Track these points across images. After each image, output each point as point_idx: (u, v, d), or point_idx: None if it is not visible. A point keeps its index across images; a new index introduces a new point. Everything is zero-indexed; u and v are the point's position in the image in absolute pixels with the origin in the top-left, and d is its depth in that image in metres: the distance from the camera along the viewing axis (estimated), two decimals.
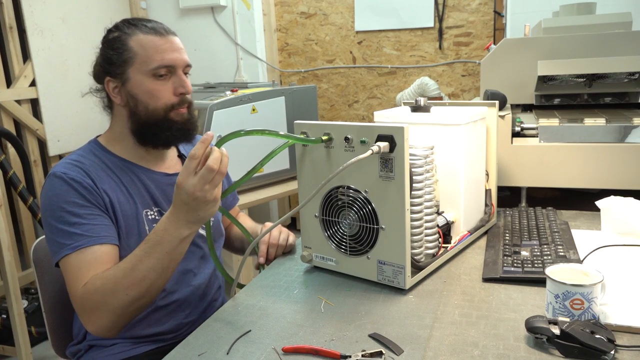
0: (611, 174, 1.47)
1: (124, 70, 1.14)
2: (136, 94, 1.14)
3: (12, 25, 2.55)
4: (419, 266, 1.07)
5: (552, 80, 1.73)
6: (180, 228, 0.99)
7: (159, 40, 1.15)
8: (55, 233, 1.07)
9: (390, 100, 3.23)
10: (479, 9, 2.94)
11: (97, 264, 1.05)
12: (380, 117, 1.25)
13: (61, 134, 2.76)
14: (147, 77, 1.14)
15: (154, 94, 1.14)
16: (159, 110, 1.15)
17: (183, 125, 1.18)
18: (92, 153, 1.19)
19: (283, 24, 3.39)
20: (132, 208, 1.15)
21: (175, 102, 1.17)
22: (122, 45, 1.14)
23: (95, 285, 1.02)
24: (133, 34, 1.15)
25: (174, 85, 1.16)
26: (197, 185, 0.94)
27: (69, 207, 1.07)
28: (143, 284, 1.01)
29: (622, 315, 0.88)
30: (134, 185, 1.18)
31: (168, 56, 1.14)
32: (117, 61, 1.14)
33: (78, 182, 1.09)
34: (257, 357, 0.85)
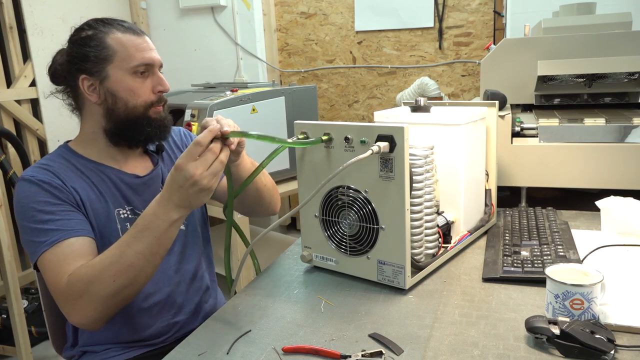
0: (611, 174, 1.47)
1: (102, 68, 1.13)
2: (116, 91, 1.13)
3: (12, 25, 2.55)
4: (419, 266, 1.07)
5: (552, 80, 1.73)
6: (170, 211, 0.98)
7: (136, 39, 1.15)
8: (30, 233, 1.06)
9: (390, 100, 3.23)
10: (479, 9, 2.94)
11: (76, 256, 1.03)
12: (380, 117, 1.25)
13: (61, 134, 2.76)
14: (127, 75, 1.13)
15: (134, 91, 1.14)
16: (139, 107, 1.15)
17: (161, 122, 1.19)
18: (61, 157, 1.18)
19: (283, 24, 3.39)
20: (104, 207, 1.14)
21: (154, 99, 1.17)
22: (100, 43, 1.13)
23: (80, 273, 1.00)
24: (110, 32, 1.15)
25: (152, 83, 1.17)
26: (198, 168, 0.94)
27: (39, 206, 1.07)
28: (131, 270, 0.99)
29: (622, 315, 0.88)
30: (104, 185, 1.17)
31: (147, 54, 1.15)
32: (95, 58, 1.12)
33: (47, 183, 1.09)
34: (257, 357, 0.85)
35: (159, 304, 1.19)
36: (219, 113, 2.10)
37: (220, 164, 0.96)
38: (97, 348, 1.18)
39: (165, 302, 1.20)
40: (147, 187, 1.23)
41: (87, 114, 1.19)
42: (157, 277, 1.18)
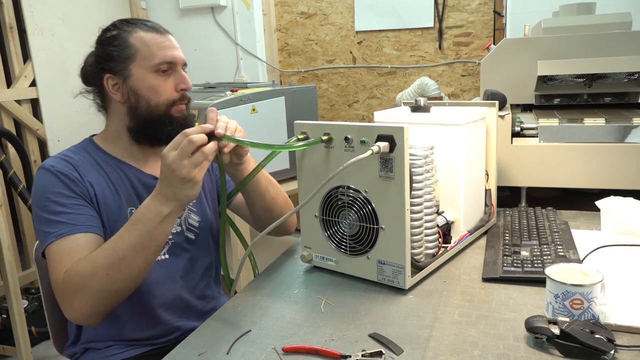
0: (611, 174, 1.47)
1: (125, 67, 1.15)
2: (138, 89, 1.15)
3: (12, 25, 2.55)
4: (419, 266, 1.07)
5: (552, 80, 1.73)
6: (160, 205, 0.99)
7: (159, 38, 1.16)
8: (41, 222, 1.09)
9: (390, 100, 3.23)
10: (479, 9, 2.94)
11: (79, 250, 1.05)
12: (380, 117, 1.25)
13: (61, 134, 2.76)
14: (149, 73, 1.15)
15: (156, 89, 1.15)
16: (161, 105, 1.16)
17: (183, 120, 1.19)
18: (84, 150, 1.20)
19: (283, 24, 3.39)
20: (117, 204, 1.16)
21: (177, 97, 1.18)
22: (123, 42, 1.15)
23: (76, 268, 1.01)
24: (133, 31, 1.16)
25: (175, 81, 1.18)
26: (175, 158, 0.95)
27: (54, 197, 1.09)
28: (123, 263, 0.99)
29: (622, 315, 0.88)
30: (121, 182, 1.18)
31: (169, 53, 1.16)
32: (118, 57, 1.15)
33: (64, 175, 1.11)
34: (257, 357, 0.85)
35: (164, 305, 1.20)
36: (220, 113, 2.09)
37: (201, 155, 0.95)
38: (100, 345, 1.18)
39: (170, 304, 1.21)
40: None
41: (112, 112, 1.21)
42: (163, 279, 1.19)
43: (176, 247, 1.23)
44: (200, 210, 1.29)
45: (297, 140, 1.09)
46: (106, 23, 1.23)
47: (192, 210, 1.28)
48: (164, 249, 1.21)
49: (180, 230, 1.25)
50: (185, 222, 1.26)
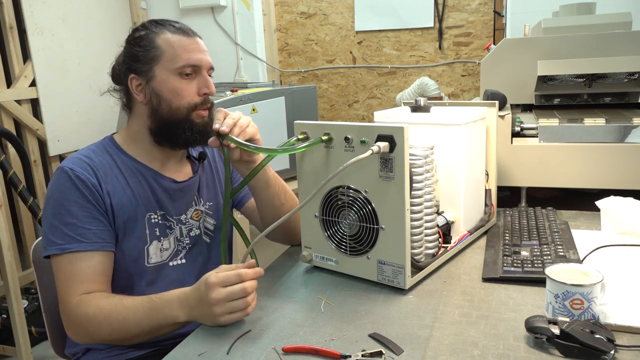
0: (611, 174, 1.47)
1: (150, 68, 1.14)
2: (160, 91, 1.14)
3: (12, 25, 2.55)
4: (419, 266, 1.07)
5: (552, 80, 1.73)
6: (181, 310, 0.99)
7: (186, 40, 1.15)
8: (48, 227, 1.09)
9: (390, 100, 3.23)
10: (479, 9, 2.94)
11: (90, 274, 1.06)
12: (380, 117, 1.25)
13: (61, 134, 2.76)
14: (172, 75, 1.13)
15: (178, 92, 1.14)
16: (182, 109, 1.14)
17: (203, 127, 1.17)
18: (105, 150, 1.19)
19: (283, 24, 3.39)
20: (134, 211, 1.15)
21: (198, 102, 1.16)
22: (150, 43, 1.14)
23: (87, 309, 1.03)
24: (161, 32, 1.15)
25: (198, 85, 1.16)
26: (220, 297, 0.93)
27: (68, 204, 1.08)
28: (127, 334, 1.03)
29: (622, 315, 0.88)
30: (140, 188, 1.17)
31: (195, 56, 1.15)
32: (144, 58, 1.14)
33: (82, 181, 1.10)
34: (257, 357, 0.85)
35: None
36: None
37: (244, 303, 0.94)
38: (101, 346, 1.18)
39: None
40: (183, 194, 1.23)
41: (135, 113, 1.20)
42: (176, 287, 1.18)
43: (193, 251, 1.24)
44: (216, 213, 1.30)
45: (297, 140, 1.09)
46: (106, 23, 1.22)
47: (208, 213, 1.29)
48: (181, 254, 1.22)
49: (198, 234, 1.26)
50: (202, 225, 1.27)
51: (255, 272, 0.97)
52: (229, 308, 0.94)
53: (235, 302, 0.93)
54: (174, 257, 1.21)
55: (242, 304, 0.94)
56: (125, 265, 1.15)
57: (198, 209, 1.26)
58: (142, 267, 1.17)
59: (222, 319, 0.94)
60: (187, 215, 1.24)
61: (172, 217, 1.21)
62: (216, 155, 1.35)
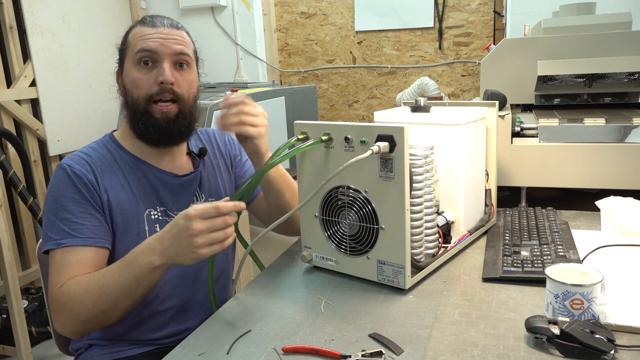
0: (611, 174, 1.47)
1: (122, 62, 1.17)
2: (125, 83, 1.15)
3: (12, 25, 2.55)
4: (419, 266, 1.07)
5: (552, 80, 1.73)
6: (154, 254, 0.98)
7: (147, 30, 1.14)
8: (47, 223, 1.09)
9: (390, 100, 3.23)
10: (479, 9, 2.94)
11: (78, 266, 1.05)
12: (380, 117, 1.25)
13: (61, 134, 2.76)
14: (133, 66, 1.13)
15: (135, 82, 1.13)
16: (140, 100, 1.13)
17: (161, 123, 1.13)
18: (104, 147, 1.19)
19: (283, 24, 3.39)
20: (133, 207, 1.15)
21: (155, 91, 1.12)
22: (125, 38, 1.17)
23: (69, 289, 1.03)
24: (134, 27, 1.17)
25: (157, 75, 1.12)
26: (202, 225, 0.92)
27: (64, 200, 1.09)
28: (110, 299, 1.01)
29: (622, 315, 0.88)
30: (139, 184, 1.17)
31: (148, 43, 1.12)
32: (120, 53, 1.18)
33: (79, 177, 1.10)
34: (257, 357, 0.85)
35: (174, 308, 1.19)
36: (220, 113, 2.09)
37: (223, 235, 0.93)
38: (104, 342, 1.18)
39: (180, 307, 1.20)
40: (184, 189, 1.23)
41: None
42: (175, 282, 1.19)
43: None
44: None
45: (297, 140, 1.09)
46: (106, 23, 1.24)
47: None
48: None
49: None
50: None
51: (234, 205, 0.95)
52: (209, 239, 0.93)
53: (215, 233, 0.93)
54: None
55: (222, 235, 0.93)
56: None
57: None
58: None
59: (202, 250, 0.93)
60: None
61: (174, 212, 1.20)
62: (216, 151, 1.34)
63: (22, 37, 2.60)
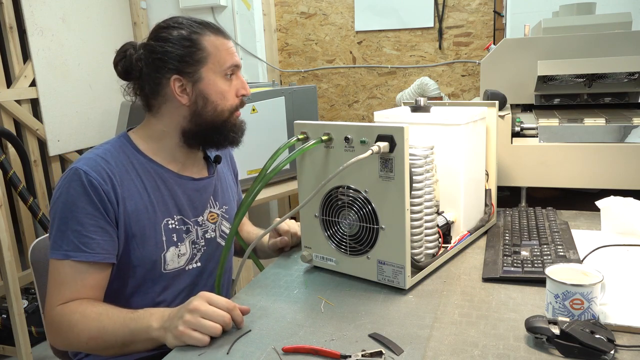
0: (611, 174, 1.47)
1: (196, 69, 1.12)
2: (208, 93, 1.13)
3: (12, 25, 2.55)
4: (419, 266, 1.07)
5: (552, 80, 1.73)
6: (159, 320, 0.95)
7: (227, 42, 1.17)
8: (57, 230, 1.06)
9: (390, 100, 3.23)
10: (479, 9, 2.94)
11: (82, 286, 1.05)
12: (380, 117, 1.25)
13: (61, 134, 2.76)
14: (219, 78, 1.14)
15: (224, 94, 1.15)
16: (225, 111, 1.16)
17: (241, 126, 1.20)
18: (121, 150, 1.15)
19: (283, 24, 3.39)
20: (151, 217, 1.13)
21: (238, 103, 1.18)
22: (195, 44, 1.12)
23: (71, 317, 1.02)
24: (204, 33, 1.14)
25: (235, 87, 1.18)
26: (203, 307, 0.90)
27: (76, 211, 1.05)
28: (103, 344, 1.00)
29: (622, 315, 0.88)
30: (158, 192, 1.15)
31: (236, 57, 1.17)
32: (190, 59, 1.11)
33: (95, 187, 1.06)
34: (257, 357, 0.85)
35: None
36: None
37: (211, 329, 0.89)
38: None
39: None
40: (200, 194, 1.23)
41: (165, 113, 1.16)
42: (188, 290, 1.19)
43: (207, 254, 1.24)
44: (231, 217, 1.30)
45: (297, 140, 1.09)
46: (106, 23, 1.21)
47: (225, 217, 1.29)
48: (197, 257, 1.21)
49: (213, 237, 1.25)
50: (219, 228, 1.26)
51: (240, 315, 0.94)
52: (197, 323, 0.89)
53: (205, 321, 0.89)
54: (190, 261, 1.21)
55: (208, 327, 0.89)
56: (141, 273, 1.14)
57: (214, 211, 1.26)
58: (158, 273, 1.15)
59: (181, 328, 0.89)
60: (203, 216, 1.23)
61: (190, 218, 1.20)
62: (226, 162, 1.37)
63: (22, 37, 2.60)
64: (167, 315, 0.95)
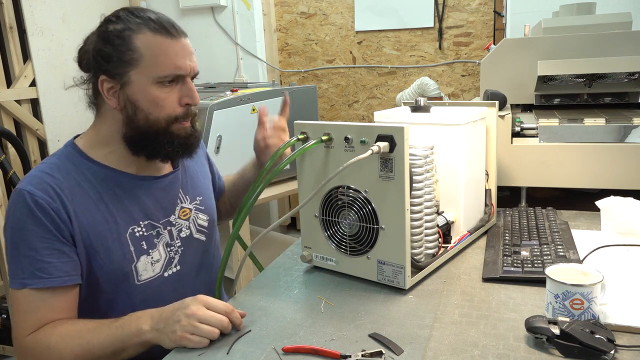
0: (611, 174, 1.47)
1: (124, 72, 1.00)
2: (137, 100, 1.01)
3: (12, 25, 2.55)
4: (419, 266, 1.07)
5: (552, 80, 1.73)
6: (148, 322, 0.91)
7: (169, 43, 1.01)
8: (9, 257, 0.99)
9: (390, 100, 3.23)
10: (479, 9, 2.94)
11: (48, 311, 0.97)
12: (380, 117, 1.25)
13: (61, 134, 2.76)
14: (152, 84, 1.01)
15: (157, 102, 1.01)
16: (161, 121, 1.03)
17: (185, 140, 1.07)
18: (69, 161, 1.04)
19: (283, 24, 3.39)
20: (113, 229, 1.04)
21: (180, 114, 1.04)
22: (126, 43, 1.00)
23: (47, 341, 0.95)
24: (139, 30, 1.00)
25: (180, 94, 1.03)
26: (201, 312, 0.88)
27: (26, 235, 0.97)
28: (91, 358, 0.94)
29: (622, 315, 0.88)
30: (116, 200, 1.05)
31: (179, 63, 1.01)
32: (118, 60, 1.00)
33: (42, 207, 0.96)
34: (257, 357, 0.85)
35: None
36: (219, 113, 2.10)
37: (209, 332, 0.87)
38: None
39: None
40: (166, 192, 1.14)
41: (106, 116, 1.07)
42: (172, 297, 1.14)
43: (187, 254, 1.16)
44: (208, 207, 1.22)
45: (297, 140, 1.09)
46: None
47: (200, 208, 1.20)
48: (175, 260, 1.13)
49: (189, 234, 1.17)
50: (194, 223, 1.18)
51: (241, 319, 0.92)
52: (195, 328, 0.87)
53: (204, 326, 0.87)
54: (167, 266, 1.12)
55: (206, 331, 0.87)
56: (112, 288, 1.05)
57: (185, 206, 1.17)
58: (132, 286, 1.07)
59: (180, 333, 0.87)
60: (175, 215, 1.15)
61: (159, 221, 1.11)
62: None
63: (22, 37, 2.60)
64: (157, 316, 0.92)
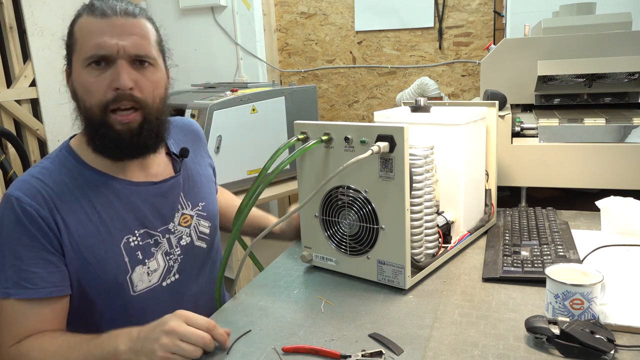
0: (611, 174, 1.47)
1: (70, 60, 0.99)
2: (75, 87, 0.98)
3: (12, 25, 2.55)
4: (419, 266, 1.07)
5: (552, 80, 1.73)
6: (125, 342, 0.85)
7: (98, 23, 0.94)
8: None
9: (390, 100, 3.23)
10: (479, 9, 2.94)
11: (34, 322, 0.93)
12: (380, 117, 1.25)
13: (61, 134, 2.76)
14: (82, 68, 0.95)
15: (87, 87, 0.95)
16: (94, 108, 0.96)
17: (122, 137, 0.97)
18: (62, 165, 1.01)
19: (283, 24, 3.39)
20: (106, 239, 0.99)
21: (110, 98, 0.95)
22: (70, 31, 0.98)
23: (29, 355, 0.91)
24: (80, 16, 0.98)
25: (111, 78, 0.94)
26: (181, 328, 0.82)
27: (12, 244, 0.93)
28: None
29: (622, 315, 0.88)
30: (110, 209, 1.00)
31: (100, 41, 0.93)
32: (67, 49, 0.99)
33: (29, 215, 0.93)
34: (257, 357, 0.85)
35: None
36: (219, 113, 2.10)
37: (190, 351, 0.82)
38: None
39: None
40: (165, 198, 1.09)
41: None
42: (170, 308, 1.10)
43: (187, 263, 1.12)
44: (211, 213, 1.19)
45: (297, 140, 1.09)
46: None
47: (202, 215, 1.16)
48: (174, 269, 1.09)
49: (189, 242, 1.13)
50: (195, 230, 1.14)
51: (225, 337, 0.87)
52: (175, 346, 0.81)
53: (185, 344, 0.82)
54: (165, 275, 1.08)
55: (188, 351, 0.82)
56: (106, 300, 1.02)
57: (186, 213, 1.12)
58: (127, 298, 1.03)
59: (160, 353, 0.81)
60: (174, 222, 1.10)
61: (157, 229, 1.07)
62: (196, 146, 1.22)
63: (22, 37, 2.60)
64: (135, 335, 0.86)
